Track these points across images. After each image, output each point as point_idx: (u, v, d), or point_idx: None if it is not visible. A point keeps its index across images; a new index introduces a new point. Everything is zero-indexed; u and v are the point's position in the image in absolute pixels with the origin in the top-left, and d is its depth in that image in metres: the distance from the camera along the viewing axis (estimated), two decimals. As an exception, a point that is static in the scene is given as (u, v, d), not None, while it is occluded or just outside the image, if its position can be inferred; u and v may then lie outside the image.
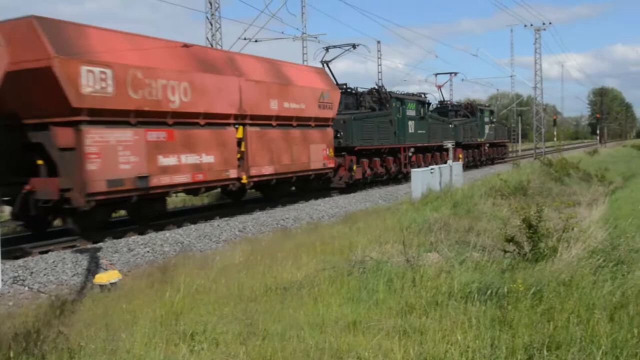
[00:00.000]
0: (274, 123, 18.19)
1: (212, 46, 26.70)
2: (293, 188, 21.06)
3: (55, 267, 10.69)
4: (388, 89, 27.80)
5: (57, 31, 12.05)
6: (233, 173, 16.29)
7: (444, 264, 8.16)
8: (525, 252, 8.28)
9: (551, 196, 19.25)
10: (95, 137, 12.33)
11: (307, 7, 37.44)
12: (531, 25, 50.21)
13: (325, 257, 9.62)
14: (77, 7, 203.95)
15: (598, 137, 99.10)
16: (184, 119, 14.65)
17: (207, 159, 15.37)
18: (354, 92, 26.49)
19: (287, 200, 20.09)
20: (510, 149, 52.32)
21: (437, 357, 5.07)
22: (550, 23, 50.82)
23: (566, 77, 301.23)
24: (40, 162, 12.42)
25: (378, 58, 45.10)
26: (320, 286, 7.52)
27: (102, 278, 9.42)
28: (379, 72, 45.31)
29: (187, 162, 14.64)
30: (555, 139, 69.60)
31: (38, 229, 14.04)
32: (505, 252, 8.62)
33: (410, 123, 28.57)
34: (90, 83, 12.17)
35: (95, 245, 12.59)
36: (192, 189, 15.59)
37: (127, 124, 13.11)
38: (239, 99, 16.51)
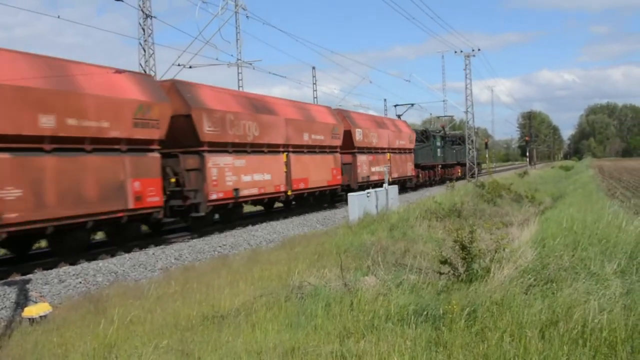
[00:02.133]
0: (396, 151, 36.89)
1: (145, 72, 26.36)
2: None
3: (-19, 301, 10.25)
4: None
5: (348, 114, 31.49)
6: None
7: (381, 287, 8.21)
8: (459, 273, 8.43)
9: (484, 217, 19.72)
10: (361, 158, 31.16)
11: (241, 33, 37.46)
12: (461, 51, 51.52)
13: (263, 283, 9.56)
14: (7, 32, 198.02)
15: (528, 159, 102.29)
16: (377, 151, 33.80)
17: (382, 168, 30.34)
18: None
19: (224, 227, 20.07)
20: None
21: (375, 381, 5.07)
22: (479, 49, 52.03)
23: (496, 101, 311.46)
24: None
25: (313, 84, 45.58)
26: (258, 313, 7.45)
27: (31, 311, 9.06)
28: (314, 97, 45.77)
29: (376, 170, 32.41)
30: (487, 161, 71.50)
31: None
32: (441, 274, 8.75)
33: (438, 150, 48.25)
34: (359, 137, 30.97)
35: (24, 277, 12.15)
36: (381, 183, 28.46)
37: (364, 153, 31.77)
38: (388, 141, 35.28)
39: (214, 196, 18.51)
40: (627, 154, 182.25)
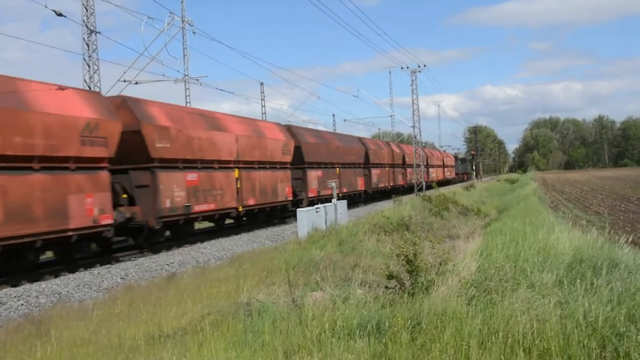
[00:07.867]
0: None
1: (90, 88, 25.97)
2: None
3: None
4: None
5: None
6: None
7: (329, 302, 8.26)
8: (406, 287, 8.54)
9: (432, 230, 20.00)
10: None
11: (188, 49, 37.34)
12: (407, 67, 52.13)
13: (211, 301, 9.49)
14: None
15: (474, 173, 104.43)
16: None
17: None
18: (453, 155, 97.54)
19: (171, 245, 19.87)
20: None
21: (321, 396, 5.10)
22: (425, 65, 52.65)
23: (443, 116, 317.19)
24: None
25: (262, 100, 45.62)
26: (205, 331, 7.40)
27: (-30, 336, 8.81)
28: (262, 113, 45.81)
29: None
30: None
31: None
32: (387, 288, 8.85)
33: (459, 165, 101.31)
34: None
35: (-38, 300, 11.81)
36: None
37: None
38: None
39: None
40: (570, 167, 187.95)
